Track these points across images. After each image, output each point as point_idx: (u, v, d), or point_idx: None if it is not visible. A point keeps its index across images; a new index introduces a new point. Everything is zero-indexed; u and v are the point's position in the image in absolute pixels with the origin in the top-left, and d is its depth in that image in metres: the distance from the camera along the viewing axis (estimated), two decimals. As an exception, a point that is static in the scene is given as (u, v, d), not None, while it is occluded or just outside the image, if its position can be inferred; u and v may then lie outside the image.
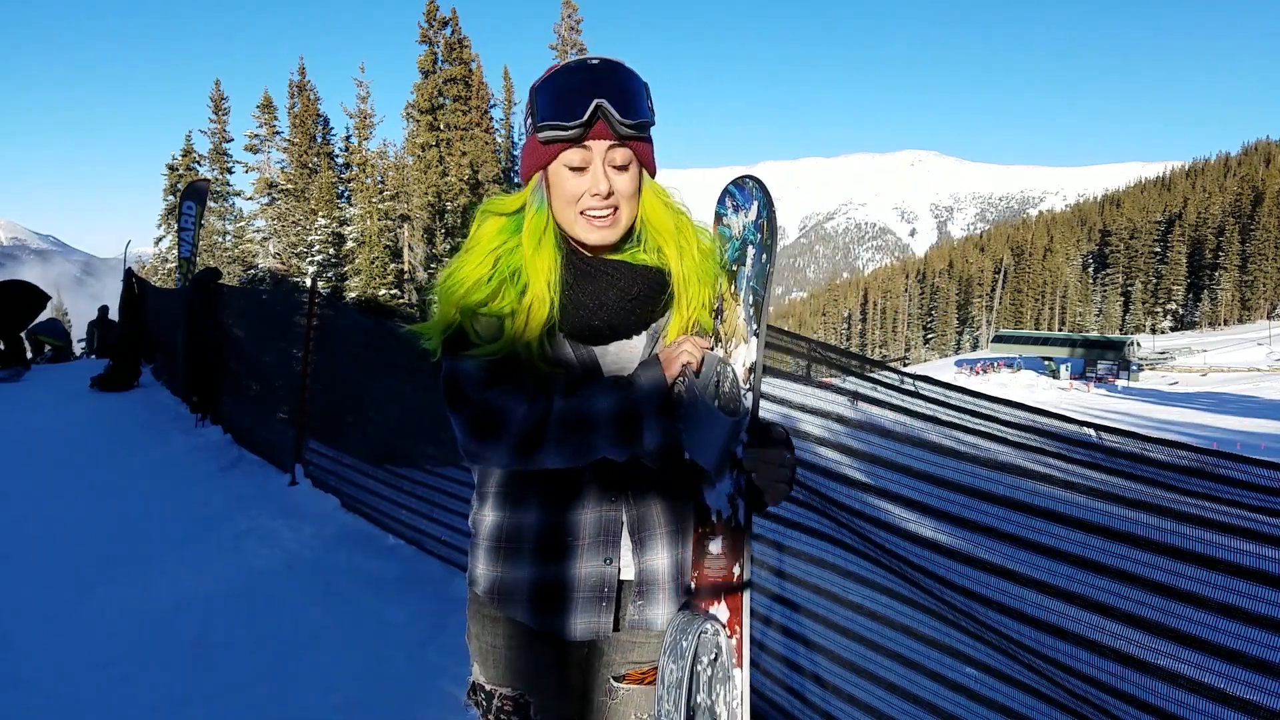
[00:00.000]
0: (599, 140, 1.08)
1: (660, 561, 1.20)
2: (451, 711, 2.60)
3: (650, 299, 1.16)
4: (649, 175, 1.16)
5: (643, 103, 1.10)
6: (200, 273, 7.38)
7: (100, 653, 2.90)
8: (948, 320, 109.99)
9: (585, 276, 1.13)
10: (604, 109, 1.06)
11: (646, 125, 1.11)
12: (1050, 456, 1.61)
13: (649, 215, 1.16)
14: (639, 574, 1.20)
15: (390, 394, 4.63)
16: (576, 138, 1.07)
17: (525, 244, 1.12)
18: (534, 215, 1.13)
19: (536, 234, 1.12)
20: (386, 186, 29.22)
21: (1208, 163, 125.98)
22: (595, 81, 1.07)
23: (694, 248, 1.18)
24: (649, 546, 1.20)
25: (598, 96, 1.05)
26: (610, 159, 1.09)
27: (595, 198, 1.09)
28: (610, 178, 1.10)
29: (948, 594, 1.78)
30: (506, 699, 1.24)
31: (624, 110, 1.07)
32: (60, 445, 6.33)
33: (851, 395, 2.12)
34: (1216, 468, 1.39)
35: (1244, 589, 1.31)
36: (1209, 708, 1.34)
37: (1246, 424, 29.53)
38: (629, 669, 1.25)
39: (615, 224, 1.12)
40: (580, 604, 1.18)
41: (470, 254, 1.15)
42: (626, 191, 1.11)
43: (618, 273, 1.14)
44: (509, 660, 1.24)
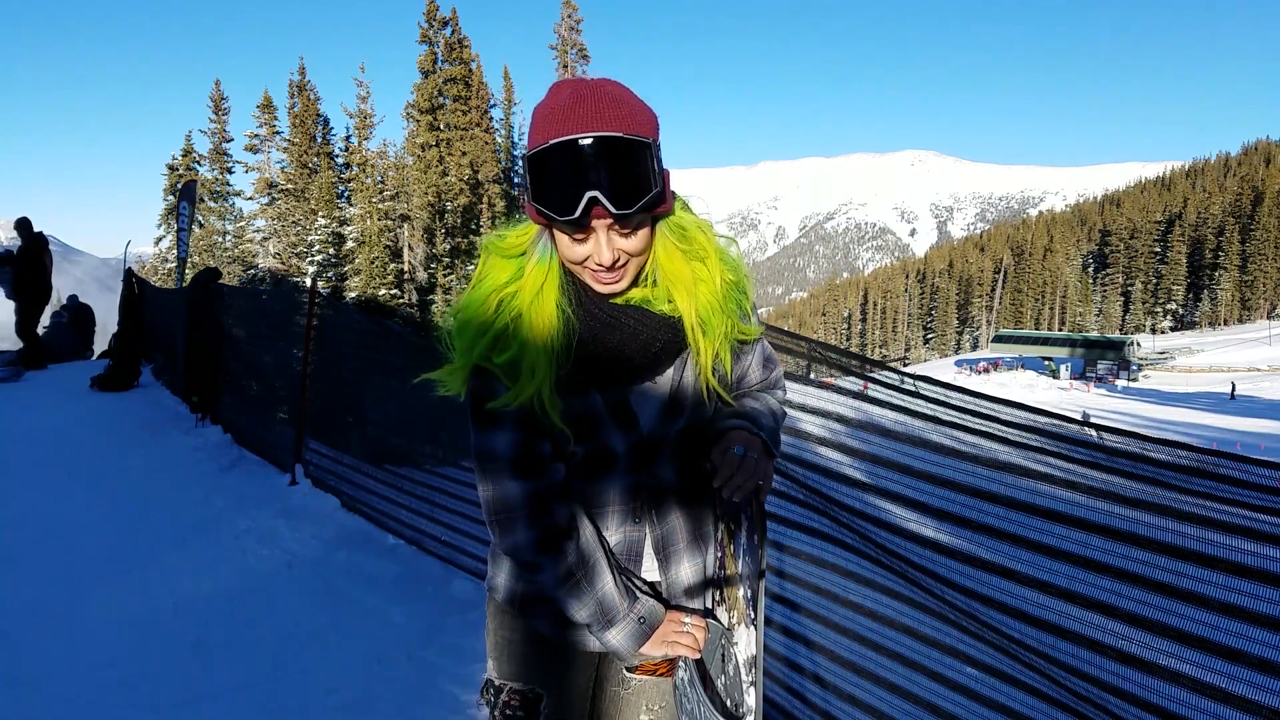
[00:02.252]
0: (599, 219, 1.01)
1: (685, 573, 1.23)
2: (452, 711, 2.60)
3: (675, 344, 1.13)
4: (666, 213, 1.09)
5: (646, 176, 0.99)
6: (200, 273, 7.37)
7: (100, 653, 2.90)
8: (948, 320, 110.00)
9: (607, 327, 1.09)
10: (598, 201, 0.97)
11: (650, 201, 1.01)
12: (1051, 456, 1.60)
13: (663, 263, 1.10)
14: (667, 589, 1.23)
15: (390, 394, 4.62)
16: (572, 227, 1.01)
17: (524, 296, 1.08)
18: (535, 266, 1.08)
19: (536, 286, 1.08)
20: (386, 186, 29.20)
21: (1208, 163, 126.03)
22: (588, 168, 0.96)
23: (714, 281, 1.12)
24: (673, 560, 1.22)
25: (590, 189, 0.96)
26: (615, 228, 1.02)
27: (599, 266, 1.04)
28: (614, 243, 1.03)
29: (949, 594, 1.78)
30: (515, 693, 1.25)
31: (622, 199, 0.97)
32: (60, 445, 6.32)
33: (861, 388, 2.13)
34: (1217, 467, 1.39)
35: (1245, 588, 1.31)
36: (1211, 707, 1.34)
37: (1246, 424, 29.54)
38: (641, 659, 1.26)
39: (623, 278, 1.07)
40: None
41: (475, 292, 1.13)
42: (634, 250, 1.05)
43: (639, 325, 1.10)
44: (524, 655, 1.26)
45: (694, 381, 1.19)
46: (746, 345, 1.24)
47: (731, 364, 1.22)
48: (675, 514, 1.22)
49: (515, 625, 1.26)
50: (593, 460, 1.16)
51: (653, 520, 1.21)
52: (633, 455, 1.17)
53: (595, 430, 1.14)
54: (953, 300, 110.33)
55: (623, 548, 1.20)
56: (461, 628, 3.15)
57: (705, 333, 1.13)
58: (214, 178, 32.15)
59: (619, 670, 1.29)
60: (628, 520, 1.19)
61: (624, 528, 1.19)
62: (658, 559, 1.21)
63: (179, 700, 2.61)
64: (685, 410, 1.19)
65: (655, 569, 1.22)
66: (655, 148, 1.02)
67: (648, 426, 1.17)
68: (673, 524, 1.22)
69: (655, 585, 1.23)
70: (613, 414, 1.15)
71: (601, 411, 1.14)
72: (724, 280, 1.13)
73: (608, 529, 1.19)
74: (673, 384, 1.18)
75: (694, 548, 1.23)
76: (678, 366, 1.18)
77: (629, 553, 1.20)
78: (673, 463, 1.21)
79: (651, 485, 1.20)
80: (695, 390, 1.19)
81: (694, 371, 1.18)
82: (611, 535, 1.19)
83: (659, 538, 1.21)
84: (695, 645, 1.16)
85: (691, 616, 1.19)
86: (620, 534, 1.19)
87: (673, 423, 1.19)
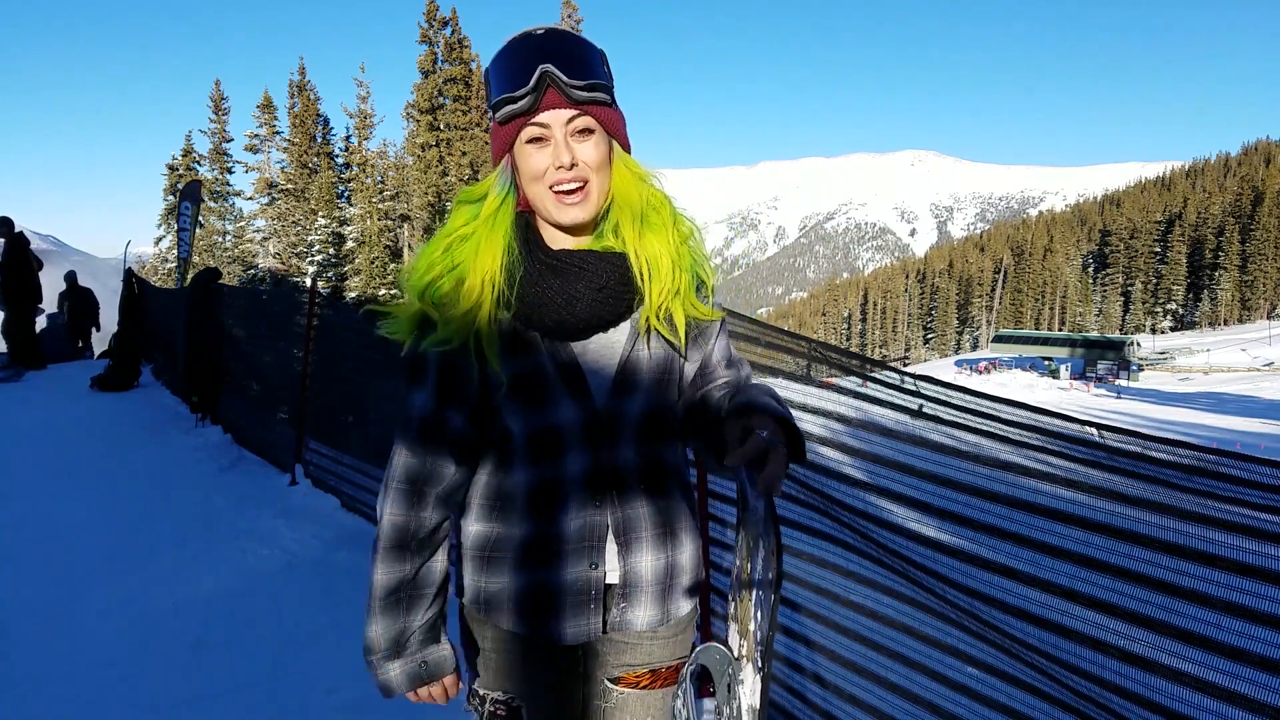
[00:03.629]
0: (555, 110, 1.03)
1: (645, 564, 1.17)
2: (452, 712, 2.59)
3: (624, 287, 1.10)
4: (621, 148, 1.10)
5: (596, 66, 1.05)
6: (200, 273, 7.37)
7: (100, 652, 2.90)
8: (948, 320, 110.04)
9: (551, 271, 1.08)
10: (551, 74, 1.01)
11: (601, 87, 1.05)
12: (1052, 455, 1.60)
13: (618, 189, 1.10)
14: (623, 577, 1.17)
15: (390, 393, 4.62)
16: (529, 107, 1.03)
17: (478, 227, 1.09)
18: (492, 199, 1.09)
19: (489, 215, 1.09)
20: (386, 186, 29.23)
21: (1208, 163, 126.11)
22: (540, 48, 1.02)
23: (668, 227, 1.12)
24: (634, 549, 1.17)
25: (543, 62, 1.01)
26: (571, 127, 1.04)
27: (560, 170, 1.04)
28: (573, 148, 1.04)
29: (950, 593, 1.78)
30: (499, 703, 1.21)
31: (573, 72, 1.02)
32: (60, 445, 6.32)
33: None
34: (1218, 466, 1.39)
35: (1247, 587, 1.31)
36: (1214, 706, 1.34)
37: (1246, 424, 29.55)
38: (623, 671, 1.22)
39: (586, 199, 1.06)
40: (567, 609, 1.16)
41: (432, 241, 1.13)
42: (593, 160, 1.05)
43: (585, 263, 1.08)
44: (498, 665, 1.21)
45: (650, 353, 1.14)
46: (706, 331, 1.20)
47: (688, 343, 1.17)
48: (639, 500, 1.17)
49: (485, 635, 1.21)
50: (540, 442, 1.12)
51: (614, 504, 1.15)
52: (588, 433, 1.13)
53: (542, 394, 1.10)
54: (953, 300, 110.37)
55: (582, 533, 1.15)
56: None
57: (653, 271, 1.10)
58: (214, 178, 32.14)
59: (600, 680, 1.23)
60: (588, 504, 1.15)
61: (584, 512, 1.14)
62: (618, 545, 1.16)
63: (179, 700, 2.61)
64: (641, 386, 1.14)
65: (618, 556, 1.17)
66: (607, 65, 1.08)
67: (601, 399, 1.13)
68: (636, 510, 1.16)
69: (611, 583, 1.18)
70: (562, 376, 1.11)
71: (550, 372, 1.10)
72: (678, 233, 1.14)
73: (568, 513, 1.14)
74: (626, 351, 1.13)
75: (658, 540, 1.18)
76: (630, 332, 1.13)
77: (591, 537, 1.15)
78: (636, 446, 1.16)
79: (612, 467, 1.15)
80: (653, 364, 1.15)
81: (650, 340, 1.14)
82: (571, 520, 1.14)
83: (620, 521, 1.16)
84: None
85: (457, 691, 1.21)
86: (580, 519, 1.14)
87: (628, 398, 1.14)
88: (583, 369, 1.12)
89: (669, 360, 1.17)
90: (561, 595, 1.15)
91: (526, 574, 1.16)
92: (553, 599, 1.15)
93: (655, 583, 1.18)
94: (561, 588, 1.15)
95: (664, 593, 1.19)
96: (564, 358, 1.11)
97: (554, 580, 1.15)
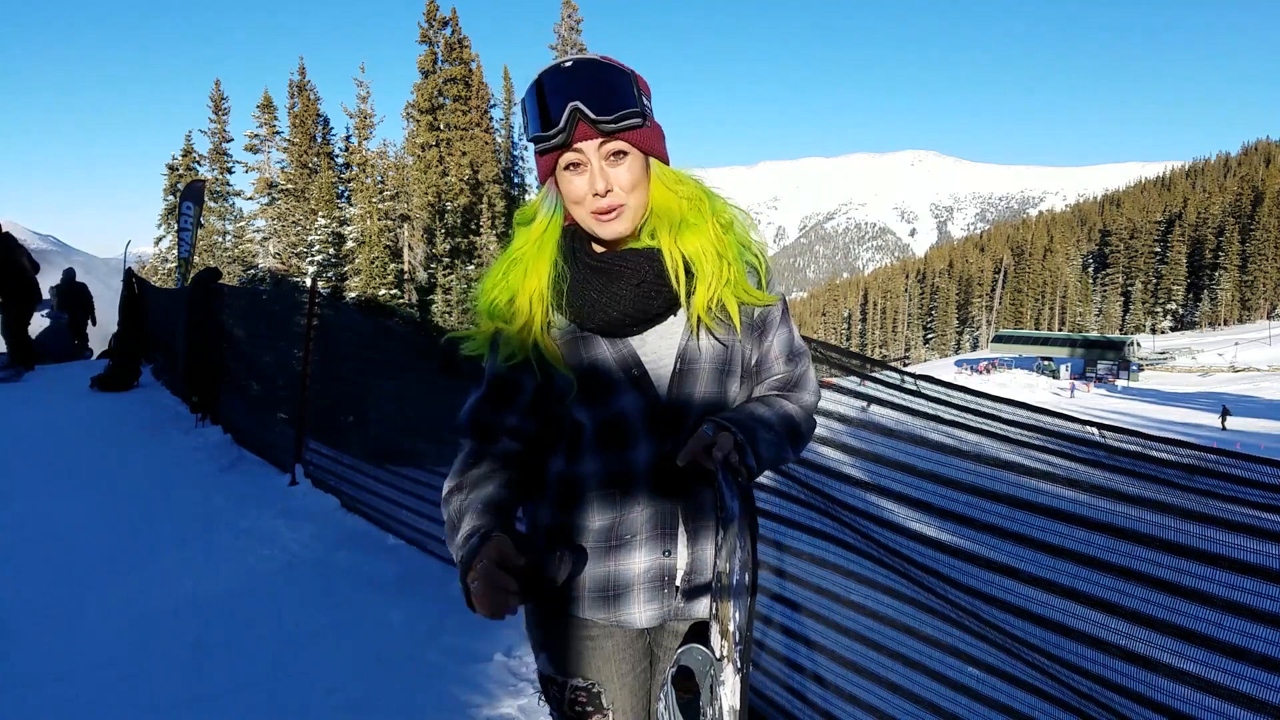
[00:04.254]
0: (587, 141, 1.08)
1: (709, 552, 1.21)
2: (452, 712, 2.60)
3: (662, 280, 1.15)
4: (659, 160, 1.14)
5: (626, 93, 1.07)
6: (200, 273, 7.37)
7: (100, 653, 2.90)
8: (948, 320, 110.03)
9: (594, 272, 1.15)
10: (580, 111, 1.05)
11: (633, 114, 1.07)
12: (1053, 455, 1.60)
13: (656, 202, 1.15)
14: (690, 564, 1.20)
15: (390, 393, 4.62)
16: (562, 144, 1.08)
17: (528, 250, 1.17)
18: (539, 220, 1.17)
19: (537, 237, 1.17)
20: (386, 186, 29.21)
21: (1208, 163, 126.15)
22: (569, 84, 1.06)
23: (707, 224, 1.16)
24: (701, 537, 1.20)
25: (572, 100, 1.05)
26: (604, 151, 1.09)
27: (596, 196, 1.10)
28: (607, 173, 1.09)
29: (951, 593, 1.77)
30: (579, 690, 1.24)
31: (602, 108, 1.05)
32: (60, 445, 6.32)
33: (866, 400, 2.11)
34: (1219, 465, 1.39)
35: (1249, 585, 1.31)
36: (1215, 704, 1.34)
37: (1246, 424, 29.54)
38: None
39: (624, 216, 1.12)
40: (642, 595, 1.19)
41: (495, 264, 1.21)
42: (626, 183, 1.10)
43: (624, 262, 1.14)
44: (575, 652, 1.24)
45: (708, 344, 1.18)
46: (767, 320, 1.24)
47: (745, 331, 1.21)
48: (704, 489, 1.20)
49: (558, 619, 1.24)
50: (609, 431, 1.17)
51: (683, 492, 1.19)
52: (652, 423, 1.17)
53: (604, 386, 1.16)
54: (953, 300, 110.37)
55: (654, 521, 1.18)
56: (462, 628, 3.15)
57: (696, 268, 1.14)
58: (214, 178, 32.13)
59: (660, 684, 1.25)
60: (658, 492, 1.18)
61: (655, 501, 1.18)
62: (686, 531, 1.20)
63: (179, 700, 2.61)
64: (701, 376, 1.18)
65: (685, 546, 1.20)
66: (639, 85, 1.10)
67: (663, 390, 1.17)
68: (703, 498, 1.20)
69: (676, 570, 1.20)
70: (623, 369, 1.16)
71: (609, 363, 1.16)
72: (720, 223, 1.17)
73: (639, 503, 1.18)
74: (682, 344, 1.18)
75: (714, 530, 1.20)
76: (687, 327, 1.18)
77: (661, 526, 1.18)
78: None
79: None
80: (712, 354, 1.19)
81: (706, 334, 1.18)
82: (643, 510, 1.18)
83: (689, 509, 1.20)
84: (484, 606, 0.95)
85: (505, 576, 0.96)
86: (652, 508, 1.18)
87: (689, 388, 1.18)
88: (643, 361, 1.17)
89: (729, 350, 1.20)
90: (636, 582, 1.19)
91: (601, 563, 1.19)
92: (628, 586, 1.19)
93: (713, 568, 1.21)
94: (636, 575, 1.19)
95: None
96: (624, 352, 1.17)
97: (628, 568, 1.19)
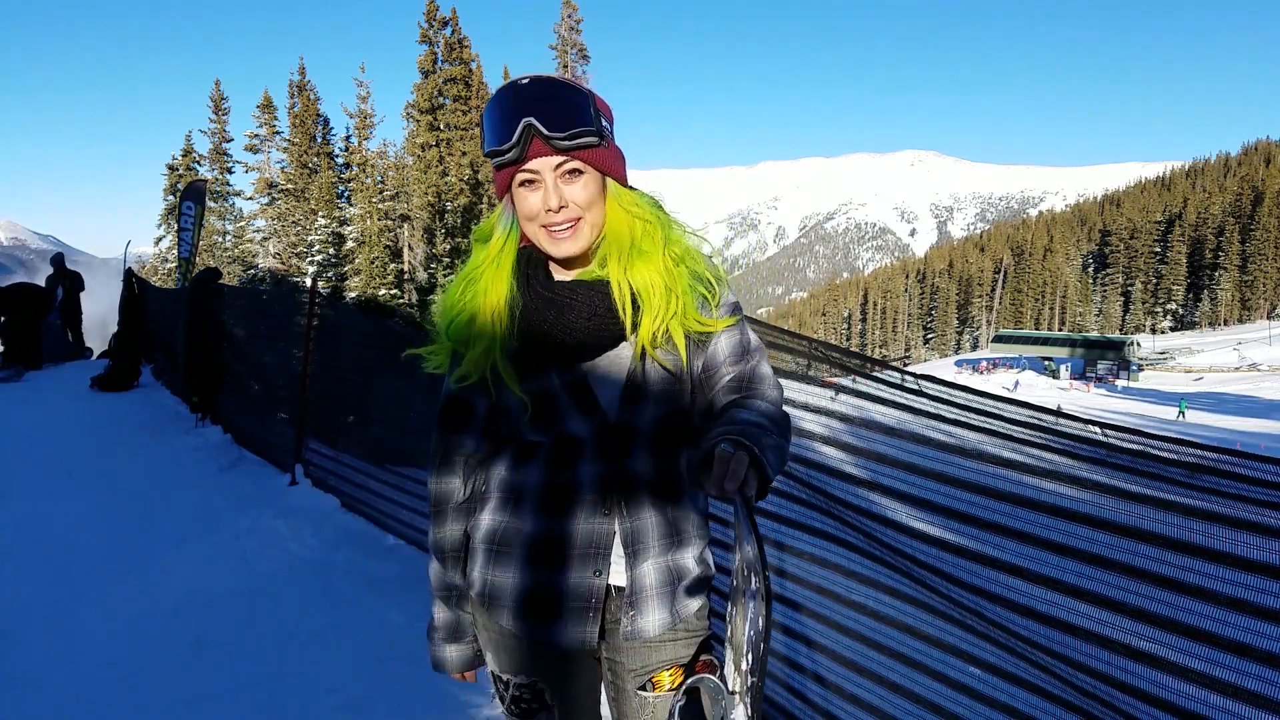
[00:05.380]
0: (542, 158, 1.08)
1: (650, 572, 1.19)
2: (452, 711, 2.59)
3: (613, 313, 1.14)
4: (616, 181, 1.14)
5: (582, 112, 1.07)
6: (200, 273, 7.37)
7: (100, 653, 2.89)
8: (948, 320, 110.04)
9: (546, 303, 1.15)
10: (532, 126, 1.05)
11: (588, 132, 1.07)
12: (1056, 453, 1.60)
13: (609, 225, 1.14)
14: (630, 585, 1.18)
15: (390, 393, 4.62)
16: (516, 159, 1.08)
17: (486, 269, 1.17)
18: (496, 238, 1.18)
19: (494, 256, 1.17)
20: (386, 186, 29.19)
21: (1208, 163, 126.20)
22: (524, 100, 1.06)
23: (659, 254, 1.15)
24: (641, 558, 1.18)
25: (525, 116, 1.05)
26: (559, 170, 1.09)
27: (549, 212, 1.10)
28: (561, 190, 1.09)
29: (955, 592, 1.77)
30: (522, 687, 1.25)
31: (555, 125, 1.06)
32: (60, 445, 6.32)
33: (835, 389, 2.12)
34: (1220, 464, 1.39)
35: (1252, 583, 1.31)
36: (1220, 701, 1.34)
37: (1246, 424, 29.55)
38: (651, 674, 1.21)
39: (577, 234, 1.12)
40: (566, 613, 1.17)
41: (454, 283, 1.22)
42: (581, 200, 1.10)
43: (576, 294, 1.14)
44: (515, 648, 1.24)
45: (657, 368, 1.18)
46: (712, 333, 1.22)
47: (689, 351, 1.19)
48: (648, 510, 1.19)
49: (489, 623, 1.25)
50: (560, 448, 1.17)
51: (623, 513, 1.18)
52: (601, 443, 1.17)
53: (554, 411, 1.17)
54: (953, 300, 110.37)
55: (588, 539, 1.17)
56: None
57: (644, 301, 1.14)
58: (214, 178, 32.12)
59: (630, 691, 1.23)
60: (596, 512, 1.17)
61: (592, 520, 1.17)
62: (626, 554, 1.18)
63: (179, 700, 2.61)
64: (651, 397, 1.18)
65: (623, 565, 1.18)
66: (596, 105, 1.10)
67: (612, 412, 1.17)
68: (644, 520, 1.18)
69: (619, 586, 1.19)
70: (571, 393, 1.16)
71: (557, 388, 1.17)
72: (670, 256, 1.17)
73: (575, 518, 1.17)
74: (632, 366, 1.17)
75: (664, 547, 1.20)
76: (637, 350, 1.17)
77: (593, 545, 1.17)
78: (650, 456, 1.19)
79: (623, 477, 1.17)
80: (662, 375, 1.18)
81: (654, 357, 1.18)
82: (579, 525, 1.17)
83: (629, 532, 1.18)
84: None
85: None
86: (588, 525, 1.17)
87: (639, 409, 1.17)
88: (590, 386, 1.17)
89: (677, 371, 1.20)
90: (562, 598, 1.17)
91: (531, 572, 1.18)
92: (553, 601, 1.17)
93: (661, 587, 1.20)
94: (563, 590, 1.17)
95: (670, 595, 1.21)
96: (572, 377, 1.17)
97: (557, 582, 1.17)
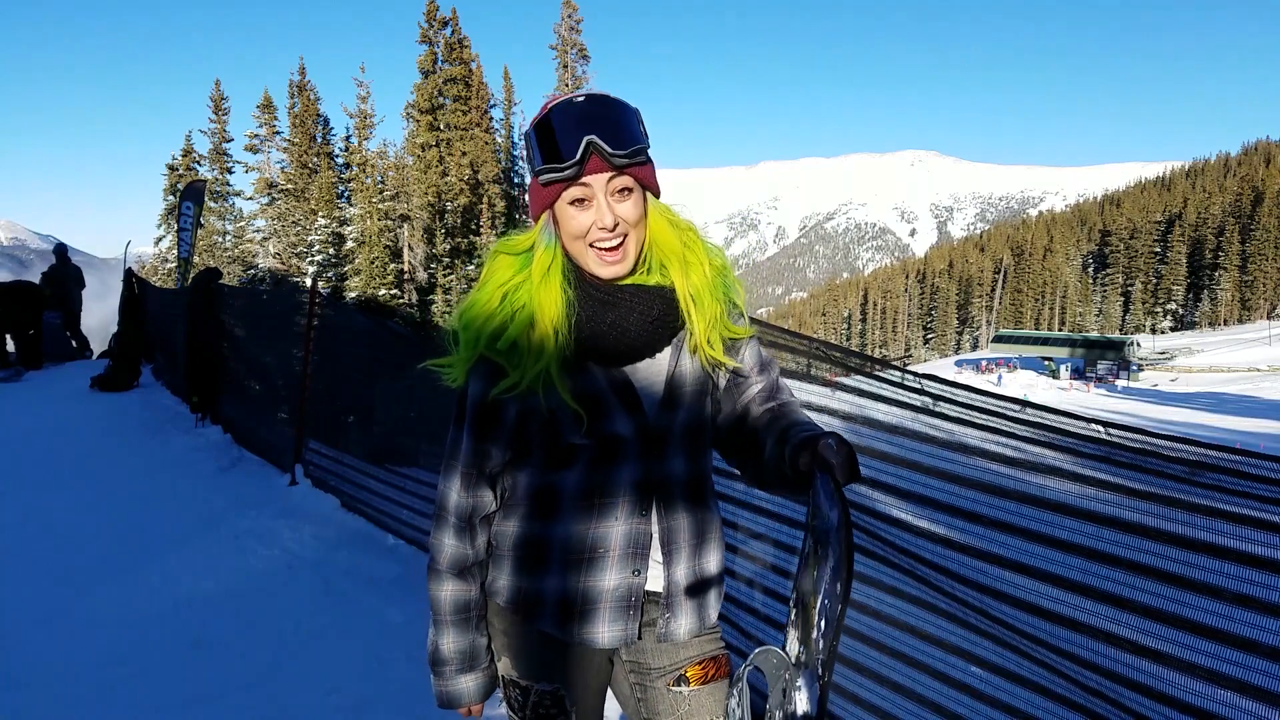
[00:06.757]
0: (597, 174, 1.09)
1: (683, 575, 1.23)
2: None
3: (671, 317, 1.18)
4: (653, 196, 1.17)
5: (634, 129, 1.11)
6: (200, 273, 7.37)
7: (100, 653, 2.89)
8: (948, 320, 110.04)
9: (605, 305, 1.16)
10: (595, 144, 1.07)
11: (641, 150, 1.11)
12: (1059, 451, 1.60)
13: (656, 237, 1.17)
14: (666, 586, 1.22)
15: (390, 393, 4.62)
16: (573, 176, 1.09)
17: (533, 279, 1.16)
18: (542, 252, 1.16)
19: (543, 269, 1.16)
20: (386, 186, 29.18)
21: (1208, 163, 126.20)
22: (584, 118, 1.08)
23: (703, 264, 1.20)
24: (675, 559, 1.22)
25: (588, 134, 1.07)
26: (612, 187, 1.11)
27: (602, 231, 1.11)
28: (614, 208, 1.11)
29: (959, 589, 1.77)
30: (544, 694, 1.24)
31: (616, 142, 1.08)
32: (60, 445, 6.32)
33: (836, 387, 2.12)
34: (1225, 462, 1.39)
35: (1258, 579, 1.30)
36: (1226, 697, 1.33)
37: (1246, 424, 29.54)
38: (684, 667, 1.25)
39: (625, 256, 1.14)
40: (608, 613, 1.20)
41: (482, 290, 1.19)
42: (632, 218, 1.13)
43: (635, 297, 1.16)
44: (541, 656, 1.24)
45: (691, 370, 1.22)
46: (737, 341, 1.27)
47: (724, 357, 1.24)
48: (681, 511, 1.22)
49: (522, 628, 1.25)
50: (603, 449, 1.18)
51: (660, 514, 1.21)
52: (641, 444, 1.19)
53: (602, 411, 1.17)
54: (953, 300, 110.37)
55: (629, 539, 1.19)
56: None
57: (697, 306, 1.18)
58: (214, 178, 32.11)
59: (662, 689, 1.26)
60: (635, 513, 1.19)
61: (631, 519, 1.19)
62: (663, 554, 1.21)
63: (179, 700, 2.60)
64: (684, 400, 1.22)
65: (660, 565, 1.22)
66: (642, 120, 1.14)
67: (652, 414, 1.20)
68: (679, 521, 1.22)
69: (653, 591, 1.22)
70: (617, 393, 1.18)
71: (605, 390, 1.18)
72: (712, 266, 1.21)
73: (616, 519, 1.19)
74: (670, 369, 1.21)
75: (694, 549, 1.24)
76: (674, 353, 1.21)
77: (635, 545, 1.20)
78: (684, 458, 1.23)
79: (660, 478, 1.21)
80: (694, 379, 1.22)
81: (690, 358, 1.22)
82: (619, 526, 1.19)
83: (665, 532, 1.21)
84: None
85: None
86: (628, 525, 1.19)
87: (673, 413, 1.21)
88: (635, 388, 1.20)
89: (706, 376, 1.25)
90: (603, 600, 1.19)
91: (570, 577, 1.19)
92: (594, 603, 1.19)
93: (693, 593, 1.24)
94: (604, 593, 1.19)
95: (700, 603, 1.25)
96: (618, 379, 1.19)
97: (597, 585, 1.19)
